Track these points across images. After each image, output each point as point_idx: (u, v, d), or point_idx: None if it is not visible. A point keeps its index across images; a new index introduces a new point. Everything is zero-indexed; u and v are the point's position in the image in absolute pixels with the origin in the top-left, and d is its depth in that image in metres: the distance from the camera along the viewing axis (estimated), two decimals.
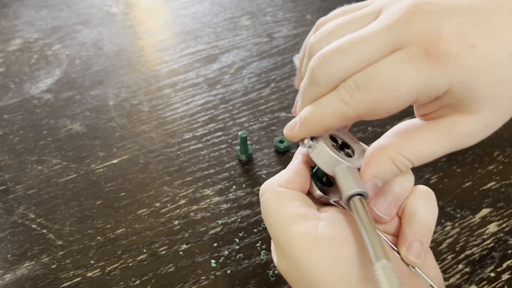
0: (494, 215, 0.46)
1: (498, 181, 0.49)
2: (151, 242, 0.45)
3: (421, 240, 0.28)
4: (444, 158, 0.52)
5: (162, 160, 0.53)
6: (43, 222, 0.47)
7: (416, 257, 0.28)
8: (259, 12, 0.81)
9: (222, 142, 0.55)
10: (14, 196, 0.50)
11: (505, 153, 0.53)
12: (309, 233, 0.26)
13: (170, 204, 0.48)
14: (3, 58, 0.72)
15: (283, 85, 0.64)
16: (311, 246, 0.26)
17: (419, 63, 0.23)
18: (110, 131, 0.57)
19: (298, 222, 0.27)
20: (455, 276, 0.41)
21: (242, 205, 0.48)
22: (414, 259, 0.28)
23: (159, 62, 0.69)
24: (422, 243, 0.28)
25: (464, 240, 0.44)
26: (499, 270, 0.42)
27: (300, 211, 0.28)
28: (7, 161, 0.54)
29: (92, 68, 0.69)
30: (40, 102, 0.63)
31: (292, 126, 0.28)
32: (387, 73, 0.24)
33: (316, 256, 0.26)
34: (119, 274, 0.42)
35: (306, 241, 0.26)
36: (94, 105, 0.62)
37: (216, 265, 0.42)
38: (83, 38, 0.76)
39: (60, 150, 0.55)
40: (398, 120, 0.57)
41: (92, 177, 0.51)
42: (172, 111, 0.60)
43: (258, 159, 0.53)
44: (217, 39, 0.74)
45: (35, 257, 0.44)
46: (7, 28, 0.79)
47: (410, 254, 0.28)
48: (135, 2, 0.87)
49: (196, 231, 0.45)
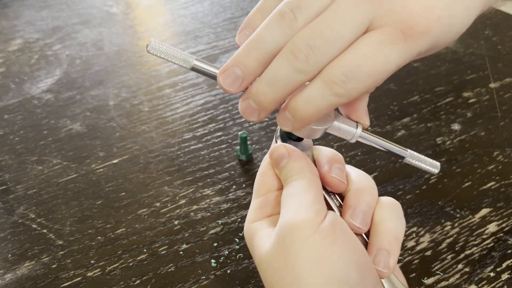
0: (494, 215, 0.46)
1: (498, 181, 0.50)
2: (151, 242, 0.45)
3: (388, 249, 0.28)
4: (444, 158, 0.52)
5: (162, 160, 0.53)
6: (44, 222, 0.47)
7: (384, 266, 0.28)
8: None
9: (222, 142, 0.55)
10: (14, 196, 0.50)
11: (504, 153, 0.53)
12: (312, 222, 0.26)
13: (170, 204, 0.48)
14: (3, 58, 0.72)
15: None
16: (310, 234, 0.26)
17: (398, 44, 0.26)
18: (110, 131, 0.58)
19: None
20: (454, 276, 0.41)
21: (242, 205, 0.48)
22: (382, 268, 0.27)
23: (159, 62, 0.69)
24: (389, 252, 0.28)
25: (464, 240, 0.44)
26: (499, 270, 0.42)
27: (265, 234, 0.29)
28: (7, 161, 0.54)
29: (92, 68, 0.69)
30: (41, 102, 0.63)
31: (287, 122, 0.28)
32: (375, 59, 0.26)
33: (311, 245, 0.26)
34: (119, 274, 0.42)
35: (309, 227, 0.26)
36: (94, 105, 0.62)
37: (216, 265, 0.43)
38: (83, 38, 0.76)
39: (60, 150, 0.55)
40: (397, 120, 0.57)
41: (92, 177, 0.52)
42: (172, 111, 0.60)
43: (258, 159, 0.53)
44: (217, 39, 0.74)
45: (36, 257, 0.44)
46: (8, 28, 0.79)
47: (377, 265, 0.28)
48: (135, 2, 0.87)
49: (196, 231, 0.46)
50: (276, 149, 0.31)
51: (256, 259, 0.29)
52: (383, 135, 0.55)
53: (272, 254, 0.27)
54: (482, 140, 0.54)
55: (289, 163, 0.30)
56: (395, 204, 0.30)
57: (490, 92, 0.61)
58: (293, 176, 0.29)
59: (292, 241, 0.26)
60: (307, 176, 0.29)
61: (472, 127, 0.56)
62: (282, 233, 0.27)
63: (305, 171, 0.29)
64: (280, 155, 0.30)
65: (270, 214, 0.30)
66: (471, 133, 0.55)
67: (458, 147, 0.54)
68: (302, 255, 0.26)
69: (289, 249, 0.26)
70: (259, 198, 0.31)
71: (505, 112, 0.58)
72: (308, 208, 0.27)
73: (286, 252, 0.26)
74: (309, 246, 0.26)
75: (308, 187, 0.28)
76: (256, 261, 0.29)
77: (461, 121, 0.57)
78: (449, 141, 0.54)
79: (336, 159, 0.31)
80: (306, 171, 0.29)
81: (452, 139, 0.55)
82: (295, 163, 0.30)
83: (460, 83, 0.63)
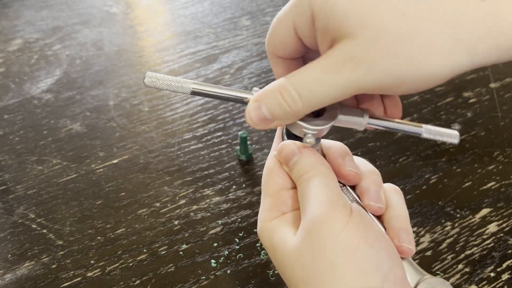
0: (494, 215, 0.46)
1: (498, 181, 0.49)
2: (151, 242, 0.45)
3: (407, 228, 0.29)
4: (444, 158, 0.52)
5: (162, 160, 0.53)
6: (43, 222, 0.47)
7: (410, 243, 0.28)
8: (259, 12, 0.81)
9: (222, 142, 0.55)
10: (14, 196, 0.50)
11: (505, 153, 0.53)
12: (342, 215, 0.27)
13: (170, 204, 0.48)
14: (3, 58, 0.72)
15: None
16: (342, 227, 0.26)
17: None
18: (110, 131, 0.58)
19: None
20: (455, 276, 0.41)
21: (242, 205, 0.48)
22: (408, 244, 0.28)
23: (159, 62, 0.69)
24: (408, 231, 0.29)
25: (464, 240, 0.44)
26: (499, 270, 0.42)
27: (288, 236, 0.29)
28: (7, 161, 0.54)
29: (92, 68, 0.69)
30: (40, 102, 0.63)
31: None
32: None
33: (345, 237, 0.26)
34: (119, 274, 0.42)
35: (341, 220, 0.27)
36: (94, 105, 0.62)
37: (216, 265, 0.42)
38: (83, 38, 0.76)
39: (60, 150, 0.55)
40: None
41: (92, 177, 0.52)
42: (172, 111, 0.60)
43: (258, 159, 0.53)
44: (217, 39, 0.74)
45: (35, 257, 0.44)
46: (7, 28, 0.79)
47: (403, 242, 0.28)
48: (135, 2, 0.87)
49: (196, 231, 0.46)
50: (286, 146, 0.30)
51: (279, 255, 0.28)
52: (383, 135, 0.55)
53: (302, 249, 0.27)
54: (482, 140, 0.54)
55: (301, 159, 0.30)
56: (398, 189, 0.31)
57: (490, 92, 0.61)
58: (307, 172, 0.29)
59: (325, 235, 0.26)
60: (322, 170, 0.29)
61: (472, 127, 0.56)
62: (312, 228, 0.27)
63: (319, 166, 0.29)
64: (290, 152, 0.30)
65: (284, 212, 0.30)
66: (471, 133, 0.55)
67: (458, 147, 0.54)
68: (337, 248, 0.26)
69: (322, 243, 0.26)
70: (271, 197, 0.31)
71: (505, 112, 0.58)
72: (335, 202, 0.27)
73: (319, 246, 0.26)
74: (343, 238, 0.26)
75: (327, 181, 0.29)
76: (279, 258, 0.28)
77: (461, 121, 0.57)
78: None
79: (346, 151, 0.31)
80: (320, 166, 0.29)
81: None
82: (307, 159, 0.30)
83: (460, 83, 0.63)
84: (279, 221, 0.30)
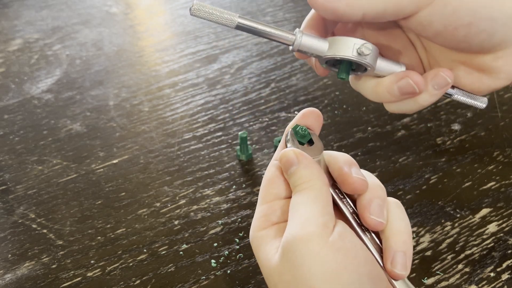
0: (494, 215, 0.46)
1: (498, 181, 0.50)
2: (151, 242, 0.45)
3: (404, 250, 0.28)
4: (444, 158, 0.52)
5: (162, 160, 0.53)
6: (43, 222, 0.47)
7: (402, 268, 0.27)
8: (259, 12, 0.81)
9: (222, 142, 0.55)
10: (14, 196, 0.50)
11: (505, 153, 0.53)
12: (320, 235, 0.26)
13: (170, 204, 0.48)
14: (3, 58, 0.72)
15: (283, 85, 0.64)
16: (319, 248, 0.26)
17: None
18: (110, 131, 0.58)
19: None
20: (455, 276, 0.41)
21: (242, 205, 0.48)
22: (400, 271, 0.27)
23: (159, 62, 0.69)
24: (405, 253, 0.28)
25: (464, 240, 0.44)
26: (499, 270, 0.42)
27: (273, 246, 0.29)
28: (7, 161, 0.54)
29: (92, 68, 0.69)
30: (40, 102, 0.63)
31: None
32: None
33: (323, 260, 0.26)
34: (119, 274, 0.42)
35: (318, 240, 0.26)
36: (94, 105, 0.62)
37: (216, 265, 0.43)
38: (83, 38, 0.76)
39: (60, 150, 0.55)
40: (397, 120, 0.57)
41: (92, 177, 0.52)
42: (172, 111, 0.60)
43: (258, 159, 0.53)
44: (217, 39, 0.74)
45: (36, 257, 0.44)
46: (8, 28, 0.79)
47: (395, 267, 0.27)
48: (135, 2, 0.87)
49: (196, 231, 0.46)
50: (285, 154, 0.30)
51: (264, 270, 0.28)
52: (383, 135, 0.55)
53: (282, 266, 0.27)
54: (482, 140, 0.54)
55: (299, 170, 0.29)
56: (400, 204, 0.30)
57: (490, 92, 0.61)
58: (301, 184, 0.29)
59: (302, 254, 0.26)
60: (316, 185, 0.29)
61: (472, 127, 0.56)
62: (289, 246, 0.27)
63: (314, 179, 0.29)
64: (289, 161, 0.30)
65: (276, 222, 0.30)
66: (471, 133, 0.55)
67: (458, 147, 0.54)
68: (315, 269, 0.26)
69: (300, 262, 0.26)
70: (265, 205, 0.30)
71: (505, 112, 0.58)
72: (315, 220, 0.27)
73: (298, 264, 0.26)
74: (321, 260, 0.26)
75: (316, 197, 0.28)
76: (264, 273, 0.29)
77: (461, 121, 0.57)
78: (449, 141, 0.54)
79: (351, 161, 0.31)
80: (316, 179, 0.29)
81: (452, 139, 0.55)
82: (304, 171, 0.29)
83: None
84: (266, 233, 0.29)
